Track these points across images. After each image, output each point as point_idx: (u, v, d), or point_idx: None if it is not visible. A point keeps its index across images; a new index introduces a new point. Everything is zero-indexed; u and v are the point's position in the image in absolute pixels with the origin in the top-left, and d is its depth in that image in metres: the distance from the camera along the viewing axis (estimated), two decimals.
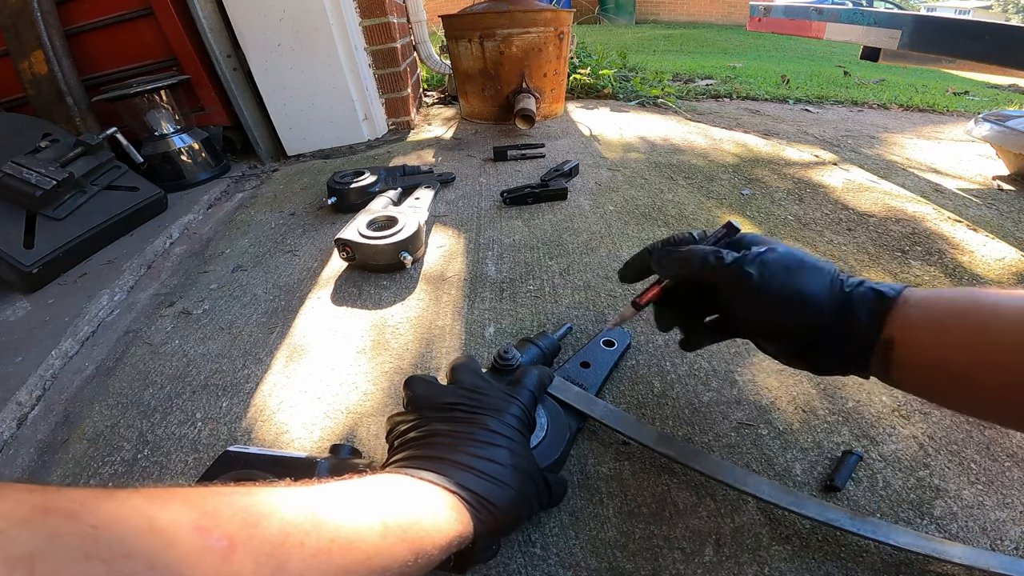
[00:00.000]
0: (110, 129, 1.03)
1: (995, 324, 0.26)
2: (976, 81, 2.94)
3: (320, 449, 0.48)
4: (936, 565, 0.35)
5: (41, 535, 0.15)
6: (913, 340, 0.30)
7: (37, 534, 0.15)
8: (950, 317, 0.28)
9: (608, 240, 0.80)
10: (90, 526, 0.16)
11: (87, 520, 0.16)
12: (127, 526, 0.17)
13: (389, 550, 0.24)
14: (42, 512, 0.15)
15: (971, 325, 0.27)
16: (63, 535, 0.15)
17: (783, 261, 0.34)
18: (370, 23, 1.36)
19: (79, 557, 0.15)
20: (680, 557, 0.37)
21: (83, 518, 0.16)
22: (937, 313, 0.29)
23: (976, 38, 0.93)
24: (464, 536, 0.28)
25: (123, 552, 0.16)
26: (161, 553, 0.17)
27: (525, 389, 0.39)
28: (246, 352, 0.62)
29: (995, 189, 0.97)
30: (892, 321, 0.30)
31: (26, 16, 1.08)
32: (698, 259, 0.36)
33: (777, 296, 0.33)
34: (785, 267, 0.34)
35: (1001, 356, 0.25)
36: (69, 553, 0.15)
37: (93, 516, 0.16)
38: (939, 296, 0.30)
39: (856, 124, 1.51)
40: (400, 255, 0.72)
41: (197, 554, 0.17)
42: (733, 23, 6.94)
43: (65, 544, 0.15)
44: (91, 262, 0.89)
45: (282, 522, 0.21)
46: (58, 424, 0.56)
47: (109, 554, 0.15)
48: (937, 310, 0.29)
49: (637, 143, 1.29)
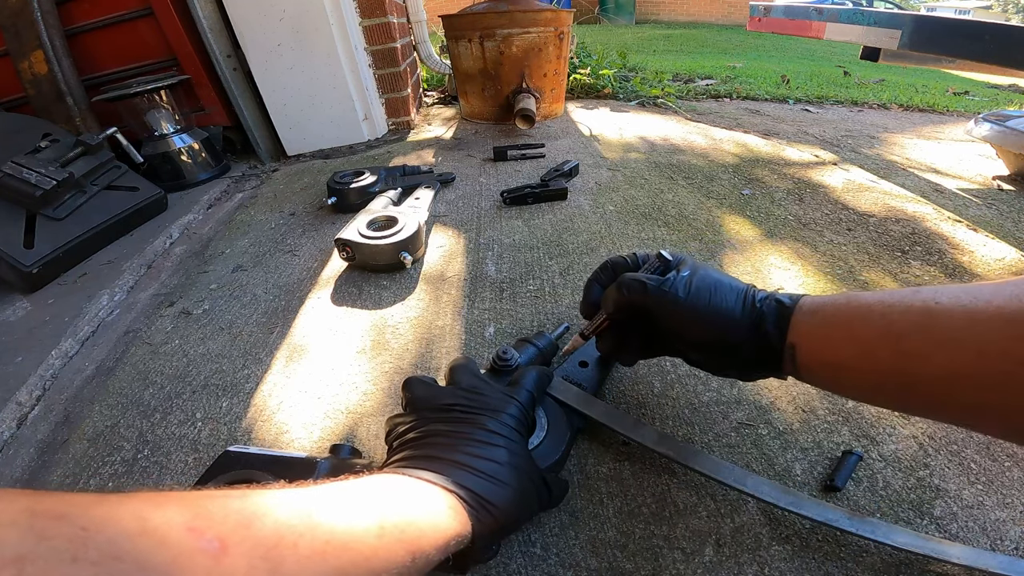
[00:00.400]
0: (110, 129, 1.03)
1: (862, 321, 0.31)
2: (976, 81, 2.94)
3: (320, 449, 0.48)
4: (936, 565, 0.35)
5: (30, 537, 0.15)
6: (808, 343, 0.34)
7: (26, 536, 0.15)
8: (833, 318, 0.33)
9: (608, 240, 0.80)
10: (80, 528, 0.16)
11: (77, 522, 0.16)
12: (118, 528, 0.17)
13: (386, 551, 0.24)
14: (31, 515, 0.15)
15: (845, 323, 0.32)
16: (52, 537, 0.15)
17: (703, 282, 0.39)
18: (370, 23, 1.36)
19: (68, 559, 0.15)
20: (680, 557, 0.37)
21: (73, 520, 0.16)
22: (824, 317, 0.34)
23: (976, 38, 0.93)
24: (462, 536, 0.28)
25: (113, 554, 0.16)
26: (151, 555, 0.17)
27: (523, 389, 0.39)
28: (246, 352, 0.62)
29: (995, 189, 0.97)
30: (793, 328, 0.35)
31: (26, 16, 1.08)
32: (628, 286, 0.41)
33: (700, 314, 0.38)
34: (705, 287, 0.38)
35: (868, 347, 0.30)
36: (58, 555, 0.15)
37: (83, 518, 0.16)
38: (828, 302, 0.34)
39: (856, 124, 1.51)
40: (400, 255, 0.72)
41: (188, 556, 0.17)
42: (733, 23, 6.95)
43: (54, 546, 0.15)
44: (91, 262, 0.89)
45: (276, 523, 0.21)
46: (58, 424, 0.56)
47: (99, 556, 0.15)
48: (824, 315, 0.34)
49: (637, 143, 1.29)
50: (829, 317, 0.33)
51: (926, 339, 0.28)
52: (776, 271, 0.70)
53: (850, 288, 0.66)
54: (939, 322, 0.27)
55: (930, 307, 0.28)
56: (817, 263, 0.71)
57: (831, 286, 0.66)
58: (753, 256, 0.74)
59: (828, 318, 0.33)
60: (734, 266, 0.71)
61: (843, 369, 0.32)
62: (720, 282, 0.39)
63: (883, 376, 0.30)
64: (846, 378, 0.33)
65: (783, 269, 0.70)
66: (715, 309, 0.37)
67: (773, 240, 0.78)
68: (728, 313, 0.37)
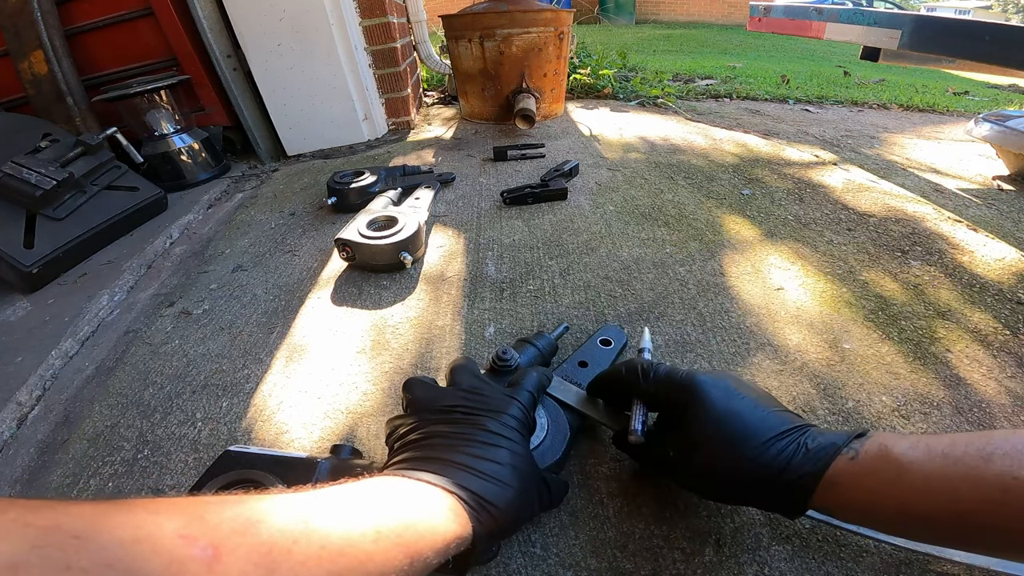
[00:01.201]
0: (110, 129, 1.03)
1: (918, 493, 0.28)
2: (976, 81, 2.94)
3: (320, 449, 0.48)
4: (936, 564, 0.35)
5: (23, 546, 0.15)
6: (844, 508, 0.31)
7: (18, 545, 0.15)
8: (882, 488, 0.29)
9: (608, 240, 0.80)
10: (73, 536, 0.16)
11: (70, 531, 0.16)
12: (110, 536, 0.17)
13: (382, 555, 0.23)
14: (24, 523, 0.15)
15: (896, 495, 0.29)
16: (45, 546, 0.15)
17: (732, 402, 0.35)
18: (370, 23, 1.36)
19: (61, 567, 0.15)
20: (680, 557, 0.37)
21: (66, 528, 0.16)
22: (870, 487, 0.30)
23: (976, 38, 0.92)
24: (463, 538, 0.28)
25: (105, 562, 0.16)
26: (143, 562, 0.17)
27: (524, 390, 0.39)
28: (246, 352, 0.62)
29: (995, 189, 0.97)
30: (827, 489, 0.31)
31: (26, 16, 1.08)
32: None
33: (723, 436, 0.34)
34: (733, 412, 0.34)
35: (925, 516, 0.28)
36: (51, 564, 0.15)
37: (76, 527, 0.16)
38: (876, 466, 0.30)
39: (856, 124, 1.51)
40: (400, 255, 0.72)
41: (180, 563, 0.17)
42: (733, 23, 6.94)
43: (47, 555, 0.15)
44: (91, 262, 0.89)
45: (271, 530, 0.21)
46: (58, 424, 0.56)
47: (90, 564, 0.15)
48: (870, 484, 0.30)
49: (637, 143, 1.29)
50: (872, 491, 0.29)
51: (997, 516, 0.25)
52: (776, 271, 0.70)
53: (850, 287, 0.66)
54: (1018, 502, 0.25)
55: (1007, 483, 0.25)
56: (817, 263, 0.72)
57: (831, 286, 0.66)
58: (753, 256, 0.74)
59: (871, 491, 0.30)
60: (734, 266, 0.71)
61: (892, 529, 0.31)
62: (741, 417, 0.34)
63: (940, 535, 0.29)
64: (895, 532, 0.32)
65: (783, 269, 0.70)
66: (732, 456, 0.33)
67: (773, 240, 0.78)
68: (744, 464, 0.32)
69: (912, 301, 0.63)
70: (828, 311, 0.62)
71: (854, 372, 0.52)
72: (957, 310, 0.61)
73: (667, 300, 0.65)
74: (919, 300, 0.63)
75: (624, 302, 0.65)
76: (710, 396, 0.35)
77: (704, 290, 0.67)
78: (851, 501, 0.30)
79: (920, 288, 0.65)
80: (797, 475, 0.31)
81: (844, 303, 0.63)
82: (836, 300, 0.64)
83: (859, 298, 0.64)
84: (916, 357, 0.54)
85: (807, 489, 0.31)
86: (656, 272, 0.71)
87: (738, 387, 0.36)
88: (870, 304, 0.63)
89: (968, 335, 0.57)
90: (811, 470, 0.31)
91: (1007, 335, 0.56)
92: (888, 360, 0.54)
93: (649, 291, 0.67)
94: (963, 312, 0.60)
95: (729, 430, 0.34)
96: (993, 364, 0.52)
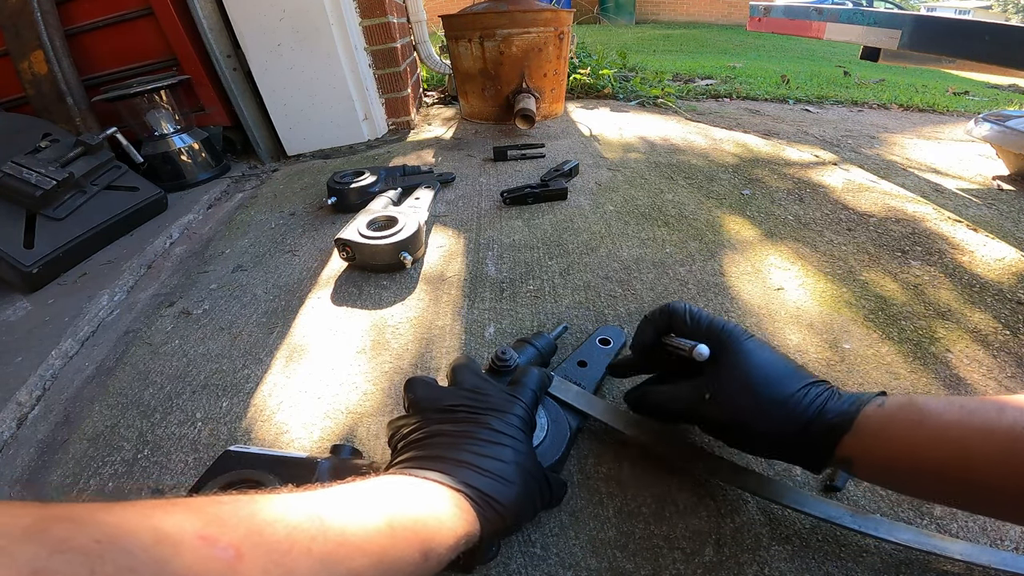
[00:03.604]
0: (110, 129, 1.03)
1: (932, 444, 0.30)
2: (976, 81, 2.94)
3: (320, 449, 0.48)
4: (937, 563, 0.35)
5: (44, 551, 0.14)
6: (865, 462, 0.33)
7: (39, 550, 0.14)
8: (899, 440, 0.31)
9: (608, 240, 0.80)
10: (94, 540, 0.15)
11: (91, 534, 0.16)
12: (131, 539, 0.16)
13: (398, 550, 0.24)
14: (42, 529, 0.15)
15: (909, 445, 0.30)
16: (66, 551, 0.15)
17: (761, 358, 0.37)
18: (370, 23, 1.36)
19: (84, 573, 0.14)
20: (680, 557, 0.37)
21: (87, 532, 0.16)
22: (887, 439, 0.32)
23: (976, 38, 0.92)
24: (471, 534, 0.28)
25: (128, 566, 0.15)
26: (166, 565, 0.16)
27: (527, 389, 0.39)
28: (246, 352, 0.62)
29: (995, 189, 0.97)
30: (849, 444, 0.32)
31: (26, 16, 1.08)
32: None
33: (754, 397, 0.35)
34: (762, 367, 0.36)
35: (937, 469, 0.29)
36: (73, 569, 0.14)
37: (96, 530, 0.16)
38: (895, 418, 0.32)
39: (856, 124, 1.51)
40: (400, 255, 0.72)
41: (203, 564, 0.17)
42: (733, 23, 6.94)
43: (69, 560, 0.14)
44: (91, 262, 0.89)
45: (288, 528, 0.21)
46: (58, 424, 0.56)
47: (114, 568, 0.15)
48: (887, 436, 0.32)
49: (637, 143, 1.29)
50: (894, 439, 0.31)
51: (1003, 467, 0.26)
52: (776, 271, 0.70)
53: (850, 287, 0.66)
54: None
55: (1016, 434, 0.26)
56: (817, 263, 0.72)
57: (831, 286, 0.66)
58: (753, 256, 0.74)
59: (893, 440, 0.31)
60: (734, 266, 0.71)
61: (903, 484, 0.33)
62: (776, 365, 0.36)
63: (946, 490, 0.30)
64: (905, 487, 0.34)
65: (783, 269, 0.70)
66: (768, 398, 0.35)
67: (773, 240, 0.78)
68: (779, 407, 0.34)
69: (912, 301, 0.63)
70: (828, 311, 0.62)
71: (854, 372, 0.52)
72: (957, 310, 0.61)
73: (667, 300, 0.65)
74: (919, 300, 0.63)
75: (624, 302, 0.65)
76: (750, 343, 0.37)
77: (704, 290, 0.67)
78: (873, 450, 0.32)
79: (920, 288, 0.65)
80: (832, 415, 0.33)
81: (844, 303, 0.63)
82: (836, 300, 0.64)
83: (859, 298, 0.64)
84: (916, 357, 0.54)
85: (840, 429, 0.32)
86: (656, 272, 0.71)
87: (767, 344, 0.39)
88: (870, 304, 0.63)
89: (968, 335, 0.57)
90: (846, 410, 0.33)
91: (1007, 335, 0.56)
92: (888, 360, 0.54)
93: (649, 291, 0.67)
94: (963, 312, 0.60)
95: (771, 371, 0.36)
96: (993, 364, 0.52)
